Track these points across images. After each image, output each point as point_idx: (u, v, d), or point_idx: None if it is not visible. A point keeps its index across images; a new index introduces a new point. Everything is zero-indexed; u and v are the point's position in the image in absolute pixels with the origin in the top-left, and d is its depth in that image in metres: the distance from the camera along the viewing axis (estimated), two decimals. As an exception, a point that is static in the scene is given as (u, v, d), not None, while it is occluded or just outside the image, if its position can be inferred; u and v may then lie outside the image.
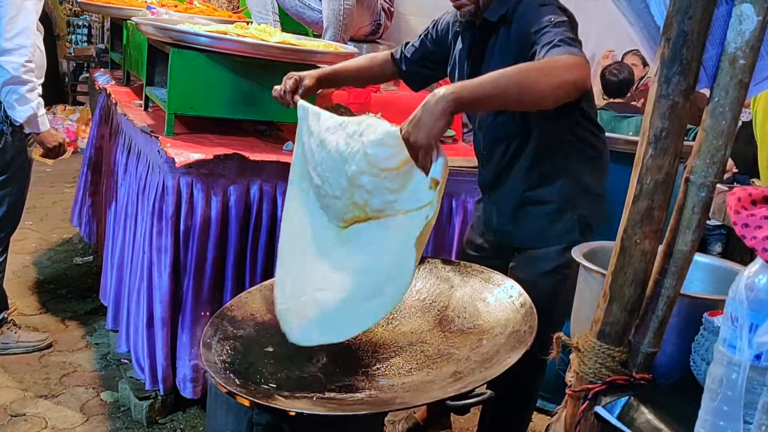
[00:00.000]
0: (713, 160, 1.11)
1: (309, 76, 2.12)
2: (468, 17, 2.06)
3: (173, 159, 2.40)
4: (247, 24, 3.06)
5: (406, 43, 2.39)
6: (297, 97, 2.06)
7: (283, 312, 1.89)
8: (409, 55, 2.35)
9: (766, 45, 1.11)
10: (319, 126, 1.89)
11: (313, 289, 1.84)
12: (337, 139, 1.81)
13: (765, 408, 0.89)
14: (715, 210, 1.07)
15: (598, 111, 3.28)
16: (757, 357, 0.92)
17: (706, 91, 1.16)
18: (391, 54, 2.40)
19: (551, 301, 2.01)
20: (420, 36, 2.36)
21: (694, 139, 1.15)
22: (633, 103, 5.28)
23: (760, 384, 0.92)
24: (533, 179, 2.09)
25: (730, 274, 1.64)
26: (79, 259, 4.33)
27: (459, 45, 2.18)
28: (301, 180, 2.04)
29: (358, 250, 1.80)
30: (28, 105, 2.83)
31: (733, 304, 0.94)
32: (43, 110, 2.91)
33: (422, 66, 2.35)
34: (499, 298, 2.02)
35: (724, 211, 0.99)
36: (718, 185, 1.06)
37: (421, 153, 1.60)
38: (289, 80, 2.10)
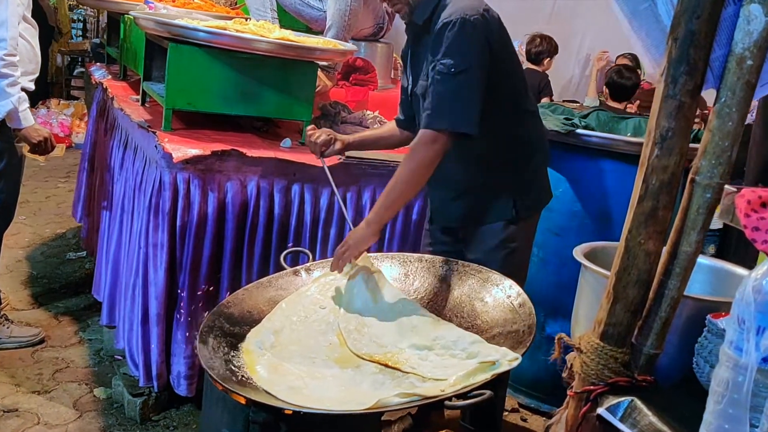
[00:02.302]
0: (719, 161, 1.10)
1: (341, 141, 2.31)
2: (406, 19, 2.19)
3: (171, 154, 2.38)
4: (246, 20, 3.04)
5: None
6: (323, 159, 2.28)
7: (256, 344, 1.88)
8: (402, 105, 2.42)
9: (774, 46, 1.11)
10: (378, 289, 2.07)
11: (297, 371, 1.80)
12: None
13: (772, 411, 0.88)
14: (723, 211, 1.06)
15: (596, 112, 3.29)
16: (764, 360, 0.91)
17: (711, 92, 1.16)
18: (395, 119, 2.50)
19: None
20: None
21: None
22: (629, 106, 5.28)
23: (767, 387, 0.91)
24: (467, 170, 2.20)
25: (729, 276, 1.64)
26: (72, 254, 4.30)
27: (409, 46, 2.29)
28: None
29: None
30: (7, 99, 2.75)
31: (740, 306, 0.94)
32: (25, 105, 2.85)
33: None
34: (497, 298, 2.01)
35: (732, 213, 0.98)
36: (726, 186, 1.06)
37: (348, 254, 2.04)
38: (324, 135, 2.28)
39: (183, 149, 2.42)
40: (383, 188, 2.68)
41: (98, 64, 4.45)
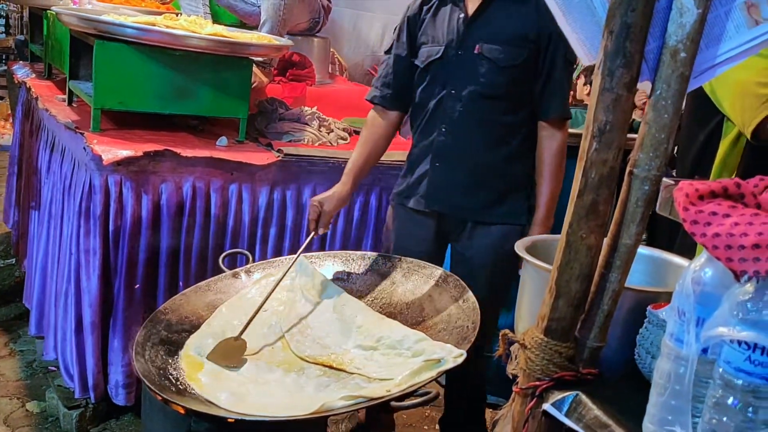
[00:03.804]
0: (656, 154, 1.10)
1: (328, 200, 2.17)
2: None
3: (100, 156, 2.30)
4: (177, 15, 2.96)
5: (376, 82, 2.31)
6: (321, 229, 2.16)
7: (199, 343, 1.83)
8: (392, 80, 2.26)
9: (706, 38, 1.12)
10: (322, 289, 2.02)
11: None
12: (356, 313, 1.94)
13: (713, 403, 0.88)
14: (661, 203, 1.06)
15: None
16: (704, 351, 0.91)
17: (647, 85, 1.16)
18: (373, 103, 2.31)
19: (509, 286, 2.06)
20: (385, 59, 2.30)
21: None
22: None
23: (708, 378, 0.92)
24: (496, 153, 2.19)
25: (665, 265, 1.66)
26: (0, 261, 4.12)
27: (447, 7, 2.17)
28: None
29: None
30: None
31: (679, 297, 0.94)
32: None
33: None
34: (441, 294, 2.01)
35: (670, 205, 0.98)
36: (665, 179, 1.06)
37: None
38: (311, 209, 2.15)
39: (113, 150, 2.34)
40: (324, 185, 2.66)
41: (21, 62, 4.27)
